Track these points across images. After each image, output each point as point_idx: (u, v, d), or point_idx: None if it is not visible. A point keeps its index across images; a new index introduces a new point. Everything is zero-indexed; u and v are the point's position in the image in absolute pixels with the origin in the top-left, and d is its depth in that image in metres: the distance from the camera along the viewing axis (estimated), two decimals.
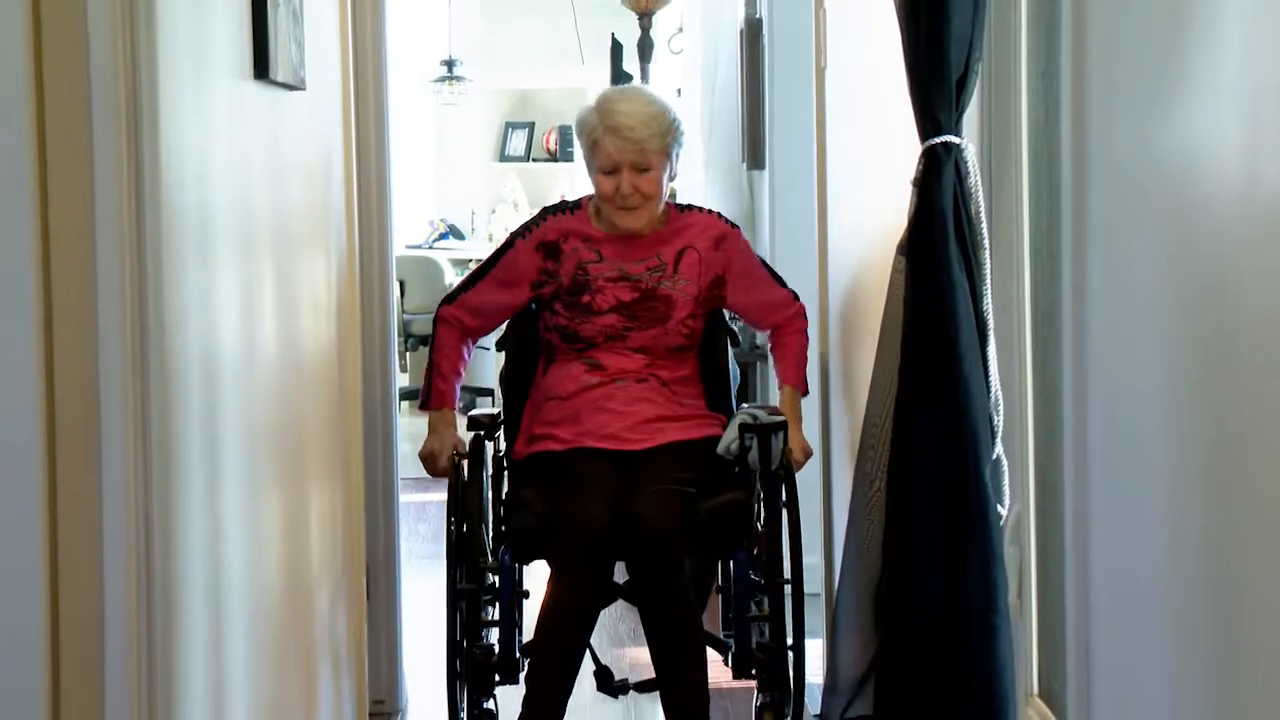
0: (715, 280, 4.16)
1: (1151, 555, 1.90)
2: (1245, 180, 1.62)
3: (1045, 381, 2.81)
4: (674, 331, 4.11)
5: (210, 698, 2.56)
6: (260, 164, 2.97)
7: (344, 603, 3.80)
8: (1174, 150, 1.82)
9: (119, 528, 2.18)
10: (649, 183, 4.04)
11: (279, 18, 2.93)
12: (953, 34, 2.33)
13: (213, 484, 2.58)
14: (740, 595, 3.93)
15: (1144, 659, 1.95)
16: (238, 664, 2.75)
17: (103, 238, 2.16)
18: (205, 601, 2.54)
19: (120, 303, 2.17)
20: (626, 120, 4.03)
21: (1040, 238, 2.81)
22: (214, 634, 2.59)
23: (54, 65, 2.13)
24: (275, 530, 3.04)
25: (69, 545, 2.17)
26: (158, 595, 2.26)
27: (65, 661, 2.18)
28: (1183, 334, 1.80)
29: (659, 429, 4.03)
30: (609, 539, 3.79)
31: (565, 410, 4.08)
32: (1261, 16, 1.58)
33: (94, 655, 2.18)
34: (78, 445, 2.17)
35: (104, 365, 2.16)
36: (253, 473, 2.87)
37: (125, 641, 2.20)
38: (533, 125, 13.22)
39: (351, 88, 3.98)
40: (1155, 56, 1.88)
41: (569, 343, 4.12)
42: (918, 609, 2.43)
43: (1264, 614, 1.58)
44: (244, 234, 2.83)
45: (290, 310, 3.22)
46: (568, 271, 4.11)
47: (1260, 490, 1.58)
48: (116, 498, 2.18)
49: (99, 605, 2.18)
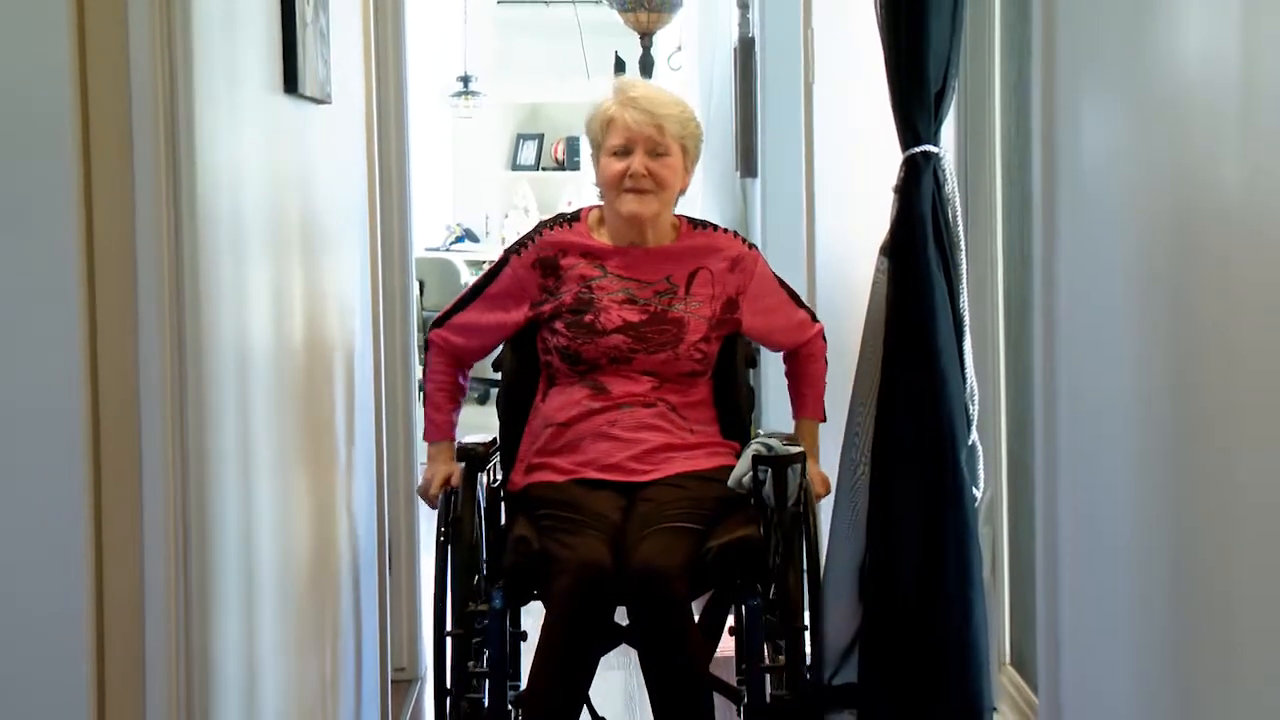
0: (729, 303, 3.56)
1: (1115, 534, 1.90)
2: (1203, 187, 1.62)
3: (1017, 374, 2.80)
4: (685, 356, 3.51)
5: (243, 668, 2.56)
6: (289, 172, 2.96)
7: (366, 578, 3.79)
8: (1136, 159, 1.82)
9: (158, 511, 2.17)
10: (663, 167, 3.48)
11: (307, 37, 2.92)
12: (931, 52, 2.32)
13: (245, 469, 2.57)
14: (753, 642, 3.33)
15: (1108, 629, 1.95)
16: (268, 635, 2.75)
17: (143, 241, 2.15)
18: (238, 578, 2.53)
19: (159, 301, 2.16)
20: (647, 96, 3.53)
21: (1012, 241, 2.80)
22: (246, 608, 2.58)
23: (98, 81, 2.12)
24: (303, 512, 3.04)
25: (112, 528, 2.17)
26: (194, 573, 2.25)
27: (109, 636, 2.17)
28: (1144, 329, 1.79)
29: (666, 459, 3.45)
30: (610, 579, 3.22)
31: (565, 438, 3.50)
32: (1219, 33, 1.57)
33: (136, 630, 2.18)
34: (120, 434, 2.16)
35: (144, 359, 2.16)
36: (282, 458, 2.86)
37: (164, 617, 2.19)
38: (542, 136, 13.22)
39: (374, 101, 3.97)
40: (1118, 73, 1.87)
41: (570, 365, 3.52)
42: (899, 584, 2.43)
43: (1218, 587, 1.58)
44: (274, 237, 2.82)
45: (317, 307, 3.21)
46: (570, 288, 3.53)
47: (1215, 474, 1.58)
48: (156, 483, 2.17)
49: (140, 583, 2.17)
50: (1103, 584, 1.97)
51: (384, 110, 4.24)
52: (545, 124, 13.18)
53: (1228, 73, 1.54)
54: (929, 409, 2.38)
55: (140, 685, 2.18)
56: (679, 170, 3.51)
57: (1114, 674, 1.93)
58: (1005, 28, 2.82)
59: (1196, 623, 1.64)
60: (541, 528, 3.31)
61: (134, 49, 2.13)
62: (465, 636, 3.36)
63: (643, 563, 3.17)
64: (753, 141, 5.75)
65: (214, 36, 2.37)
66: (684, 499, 3.31)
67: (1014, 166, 2.78)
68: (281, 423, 2.85)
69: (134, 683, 2.18)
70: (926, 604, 2.39)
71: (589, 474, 3.43)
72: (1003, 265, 2.85)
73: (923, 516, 2.39)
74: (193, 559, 2.25)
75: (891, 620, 2.42)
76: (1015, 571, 2.86)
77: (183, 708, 2.22)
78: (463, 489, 3.42)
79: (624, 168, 3.47)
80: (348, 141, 3.63)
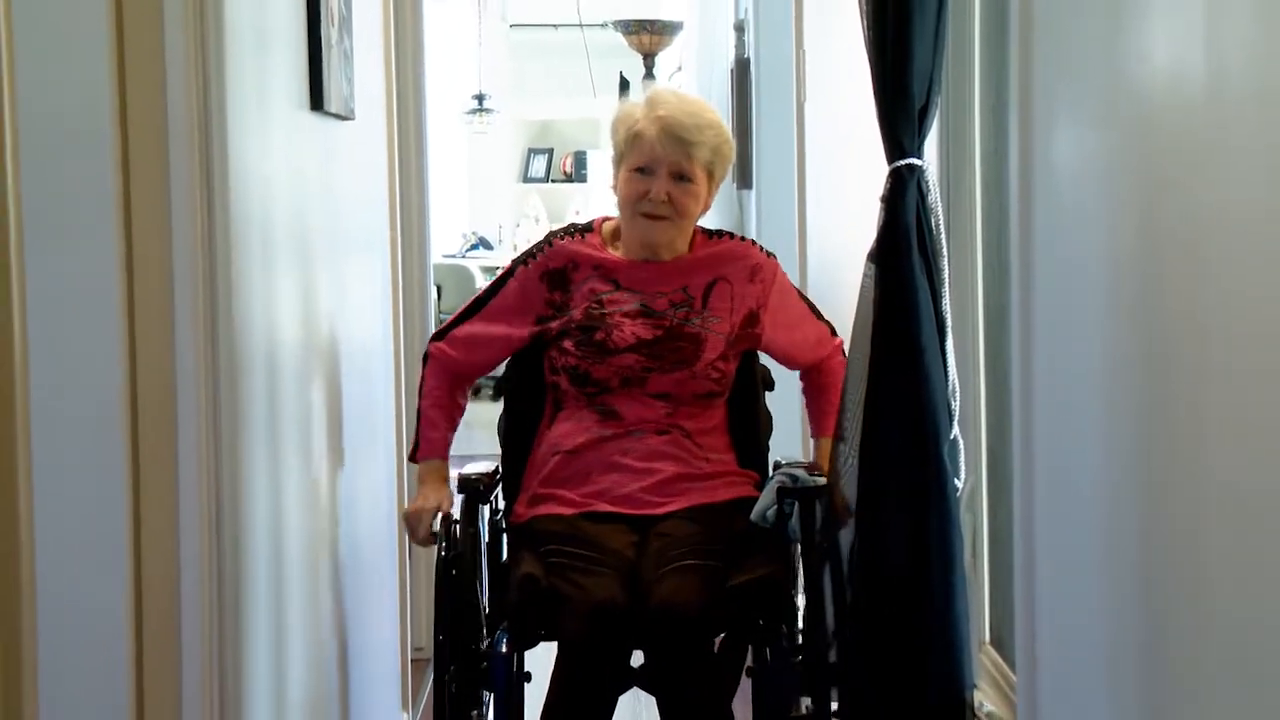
0: (749, 317, 3.11)
1: (1087, 520, 1.90)
2: (1168, 198, 1.62)
3: (996, 372, 2.80)
4: (702, 375, 3.06)
5: (272, 647, 2.56)
6: (315, 183, 2.96)
7: (387, 562, 3.80)
8: (1106, 172, 1.82)
9: (193, 502, 2.18)
10: (686, 195, 3.04)
11: (332, 57, 2.92)
12: (915, 71, 2.32)
13: (275, 460, 2.58)
14: (778, 687, 2.90)
15: (1081, 610, 1.95)
16: (295, 616, 2.75)
17: (178, 249, 2.16)
18: (268, 563, 2.53)
19: (193, 305, 2.17)
20: (680, 116, 3.03)
21: (991, 248, 2.80)
22: (275, 591, 2.59)
23: (136, 101, 2.13)
24: (328, 499, 3.04)
25: (150, 518, 2.17)
26: (227, 559, 2.26)
27: (146, 618, 2.18)
28: (1113, 330, 1.79)
29: (681, 490, 3.01)
30: (624, 619, 2.78)
31: (573, 467, 3.04)
32: (1185, 55, 1.57)
33: (172, 613, 2.18)
34: (157, 430, 2.17)
35: (180, 360, 2.16)
36: (309, 450, 2.86)
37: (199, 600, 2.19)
38: (552, 151, 13.23)
39: (395, 118, 3.97)
40: (1090, 93, 1.87)
41: (579, 386, 3.06)
42: (886, 568, 2.43)
43: (1184, 568, 1.58)
44: (301, 244, 2.83)
45: (341, 309, 3.21)
46: (579, 304, 3.07)
47: (1180, 462, 1.58)
48: (191, 475, 2.18)
49: (176, 570, 2.18)
50: (1076, 568, 1.97)
51: (404, 126, 4.25)
52: (555, 139, 13.19)
53: (1193, 92, 1.55)
54: (914, 405, 2.38)
55: (176, 663, 2.19)
56: (702, 195, 3.08)
57: (1086, 652, 1.93)
58: (984, 49, 2.82)
59: (1164, 603, 1.65)
60: (549, 565, 2.86)
61: (170, 70, 2.13)
62: (467, 683, 2.94)
63: (662, 603, 2.76)
64: (749, 155, 5.75)
65: (245, 58, 2.37)
66: (701, 534, 2.90)
67: (992, 179, 2.78)
68: (308, 416, 2.85)
69: (170, 661, 2.18)
70: (911, 587, 2.39)
71: (599, 506, 2.98)
72: (982, 271, 2.85)
73: (908, 505, 2.39)
74: (225, 546, 2.25)
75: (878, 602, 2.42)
76: (994, 556, 2.86)
77: (216, 684, 2.22)
78: (463, 525, 2.98)
79: (644, 190, 3.02)
80: (370, 155, 3.63)
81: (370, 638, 3.51)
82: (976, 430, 2.85)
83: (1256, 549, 1.39)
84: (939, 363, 2.40)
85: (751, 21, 5.66)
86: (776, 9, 5.16)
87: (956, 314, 2.60)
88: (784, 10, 4.76)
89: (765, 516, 2.90)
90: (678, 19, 9.20)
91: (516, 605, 2.86)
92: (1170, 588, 1.62)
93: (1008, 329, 2.42)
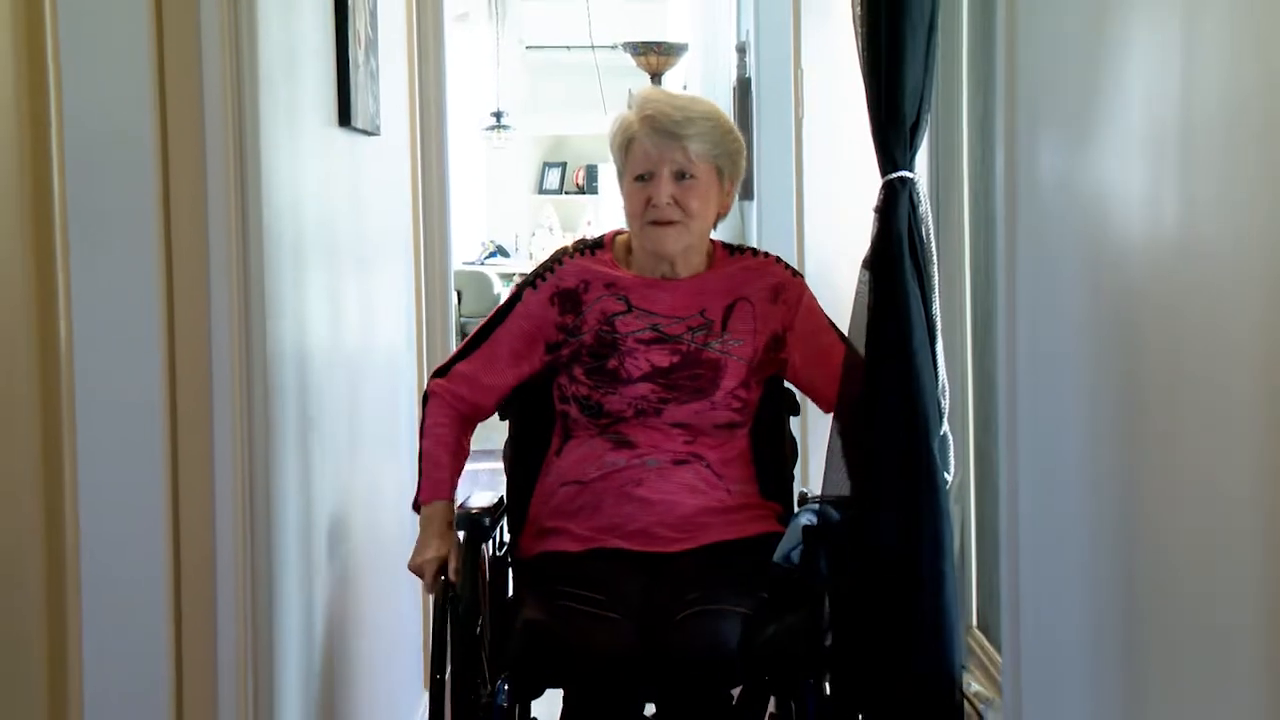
0: (774, 340, 2.69)
1: (1068, 510, 1.90)
2: (1144, 208, 1.62)
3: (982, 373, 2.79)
4: (722, 405, 2.65)
5: (304, 633, 2.56)
6: (342, 195, 2.96)
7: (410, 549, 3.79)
8: (1087, 184, 1.82)
9: (228, 492, 2.18)
10: (690, 195, 2.62)
11: (359, 76, 2.93)
12: (907, 89, 2.31)
13: (304, 455, 2.58)
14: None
15: (1063, 595, 1.95)
16: (321, 601, 2.75)
17: (215, 256, 2.16)
18: (298, 552, 2.53)
19: (229, 309, 2.17)
20: (668, 110, 2.64)
21: (979, 256, 2.80)
22: (305, 578, 2.59)
23: (176, 119, 2.14)
24: (354, 493, 3.04)
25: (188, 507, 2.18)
26: (259, 546, 2.26)
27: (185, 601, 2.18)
28: (1094, 333, 1.79)
29: (701, 525, 2.60)
30: (636, 668, 2.39)
31: (583, 499, 2.63)
32: (1162, 74, 1.57)
33: (208, 596, 2.19)
34: (194, 425, 2.17)
35: (216, 360, 2.17)
36: (336, 446, 2.86)
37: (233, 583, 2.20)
38: (565, 164, 13.24)
39: (418, 133, 3.98)
40: (1072, 108, 1.87)
41: (590, 417, 2.65)
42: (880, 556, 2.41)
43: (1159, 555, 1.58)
44: (329, 252, 2.83)
45: (367, 313, 3.22)
46: (591, 327, 2.65)
47: (1156, 456, 1.58)
48: (226, 467, 2.18)
49: (212, 556, 2.18)
50: (1058, 555, 1.97)
51: (427, 141, 4.25)
52: (568, 153, 13.21)
53: (1168, 110, 1.55)
54: (905, 403, 2.37)
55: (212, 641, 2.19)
56: (711, 195, 2.66)
57: (1068, 634, 1.93)
58: (971, 69, 2.82)
59: (1141, 587, 1.65)
60: (556, 608, 2.46)
61: (207, 88, 2.14)
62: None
63: (682, 652, 2.38)
64: (750, 169, 5.73)
65: (277, 77, 2.37)
66: (721, 574, 2.52)
67: (979, 190, 2.78)
68: (335, 414, 2.85)
69: (207, 640, 2.19)
70: (903, 575, 2.38)
71: (611, 543, 2.58)
72: (970, 277, 2.85)
73: (900, 498, 2.37)
74: (258, 534, 2.25)
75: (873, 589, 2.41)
76: (981, 545, 2.86)
77: (250, 665, 2.23)
78: (464, 566, 2.55)
79: (647, 197, 2.63)
80: (395, 168, 3.64)
81: (393, 625, 3.52)
82: (964, 427, 2.84)
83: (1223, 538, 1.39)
84: (929, 363, 2.39)
85: (752, 43, 5.66)
86: (776, 32, 5.16)
87: (946, 317, 2.59)
88: (783, 33, 4.77)
89: (790, 557, 2.46)
90: (683, 41, 9.21)
91: (520, 655, 2.43)
92: (1146, 571, 1.62)
93: (994, 331, 2.41)
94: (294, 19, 2.55)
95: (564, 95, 12.32)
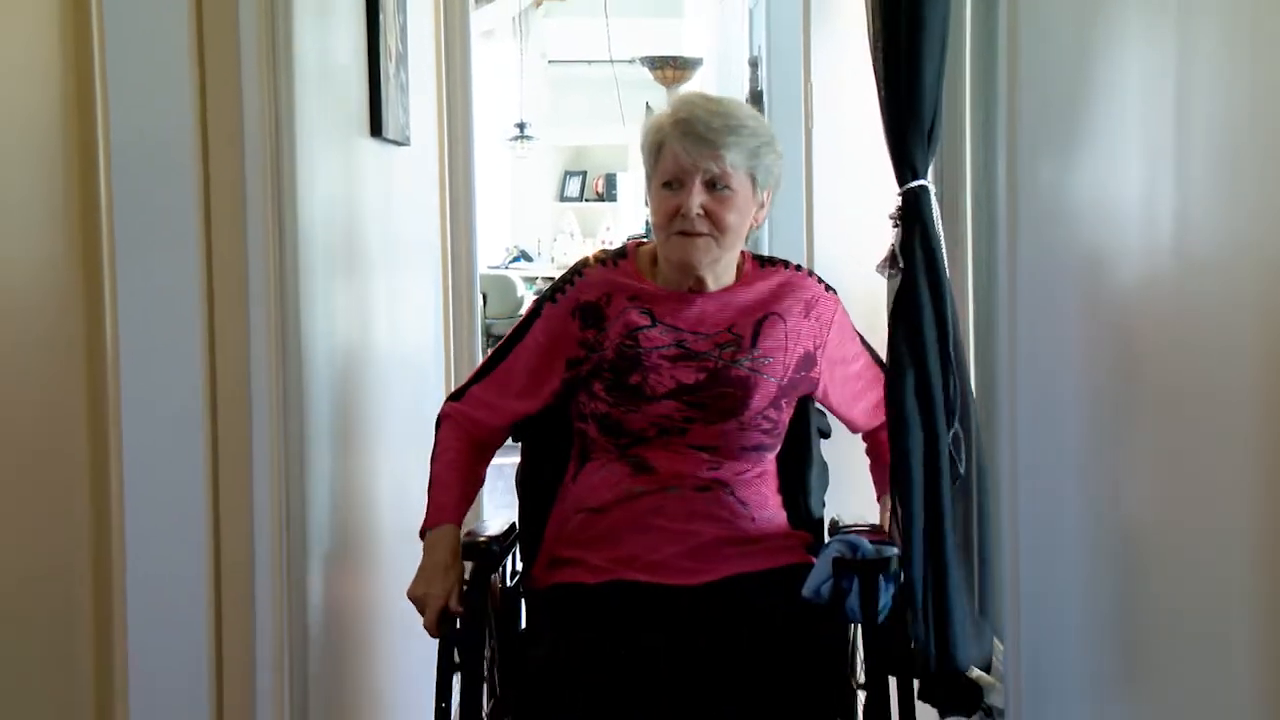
0: (805, 358, 2.41)
1: (1067, 502, 1.89)
2: (1141, 216, 1.62)
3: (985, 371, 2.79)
4: (751, 426, 2.37)
5: (334, 620, 2.57)
6: (374, 202, 2.97)
7: None
8: (1084, 193, 1.82)
9: (265, 489, 2.19)
10: (724, 207, 2.32)
11: (390, 89, 2.93)
12: (925, 91, 2.21)
13: (337, 453, 2.58)
14: None
15: (1061, 585, 1.94)
16: (350, 590, 2.75)
17: (253, 262, 2.17)
18: (331, 546, 2.54)
19: (266, 313, 2.17)
20: (705, 116, 2.32)
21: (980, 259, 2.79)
22: (338, 569, 2.59)
23: (216, 128, 2.14)
24: (384, 489, 3.05)
25: (227, 504, 2.18)
26: (294, 541, 2.26)
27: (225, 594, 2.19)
28: (1092, 335, 1.79)
29: (723, 557, 2.34)
30: (654, 714, 2.15)
31: (599, 527, 2.36)
32: (1156, 84, 1.57)
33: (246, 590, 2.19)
34: (233, 425, 2.18)
35: (254, 362, 2.17)
36: (367, 444, 2.87)
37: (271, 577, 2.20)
38: (585, 173, 13.25)
39: (445, 143, 3.99)
40: (1071, 119, 1.87)
41: (610, 436, 2.37)
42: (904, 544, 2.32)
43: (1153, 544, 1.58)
44: (360, 257, 2.83)
45: (397, 315, 3.22)
46: (613, 341, 2.37)
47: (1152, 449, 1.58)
48: (264, 466, 2.19)
49: (250, 552, 2.19)
50: (1057, 545, 1.97)
51: (453, 151, 4.25)
52: (588, 163, 13.22)
53: (1163, 117, 1.54)
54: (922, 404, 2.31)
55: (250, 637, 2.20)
56: (745, 207, 2.35)
57: (1066, 620, 1.93)
58: (974, 78, 2.82)
59: (1136, 574, 1.64)
60: (568, 643, 2.23)
61: (246, 101, 2.15)
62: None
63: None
64: None
65: (311, 91, 2.38)
66: (745, 607, 2.27)
67: (982, 195, 2.77)
68: (365, 416, 2.86)
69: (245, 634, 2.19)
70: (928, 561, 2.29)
71: (628, 575, 2.31)
72: (972, 279, 2.84)
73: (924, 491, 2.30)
74: (294, 535, 2.26)
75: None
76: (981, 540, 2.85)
77: (286, 654, 2.23)
78: (470, 600, 2.28)
79: (676, 206, 2.32)
80: (423, 177, 3.64)
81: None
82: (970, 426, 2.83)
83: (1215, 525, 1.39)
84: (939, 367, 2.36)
85: (764, 57, 5.66)
86: (787, 47, 5.16)
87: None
88: (794, 48, 4.76)
89: (820, 592, 2.21)
90: (698, 55, 9.21)
91: (530, 698, 2.20)
92: (1141, 560, 1.62)
93: (996, 332, 2.41)
94: (328, 36, 2.56)
95: (584, 107, 12.33)
